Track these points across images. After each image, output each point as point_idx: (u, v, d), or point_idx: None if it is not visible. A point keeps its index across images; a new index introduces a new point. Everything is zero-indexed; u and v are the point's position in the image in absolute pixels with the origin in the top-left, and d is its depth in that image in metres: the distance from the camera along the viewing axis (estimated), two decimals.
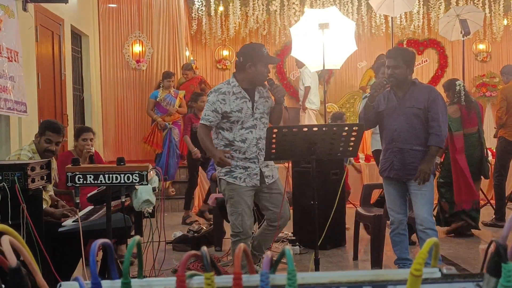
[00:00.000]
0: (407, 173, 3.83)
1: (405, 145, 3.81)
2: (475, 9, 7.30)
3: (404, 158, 3.82)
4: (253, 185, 3.70)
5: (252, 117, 3.68)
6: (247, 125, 3.67)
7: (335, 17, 6.56)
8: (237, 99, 3.69)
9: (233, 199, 3.71)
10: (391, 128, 3.86)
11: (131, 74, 9.06)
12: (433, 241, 0.67)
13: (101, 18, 8.89)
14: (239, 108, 3.67)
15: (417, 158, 3.80)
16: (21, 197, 2.90)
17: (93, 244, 0.67)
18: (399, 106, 3.85)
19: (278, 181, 3.83)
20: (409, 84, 3.88)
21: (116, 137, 9.04)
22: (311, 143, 3.14)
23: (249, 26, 9.91)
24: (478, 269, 2.93)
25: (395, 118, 3.85)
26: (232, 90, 3.72)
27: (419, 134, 3.81)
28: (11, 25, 5.05)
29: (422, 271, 0.66)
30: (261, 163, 3.68)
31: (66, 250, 3.56)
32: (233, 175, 3.70)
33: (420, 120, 3.81)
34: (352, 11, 9.57)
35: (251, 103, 3.70)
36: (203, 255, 0.66)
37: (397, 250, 4.05)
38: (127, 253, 0.69)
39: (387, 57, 3.93)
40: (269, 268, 0.67)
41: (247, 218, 3.70)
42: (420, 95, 3.83)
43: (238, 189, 3.69)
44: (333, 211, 4.13)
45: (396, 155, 3.84)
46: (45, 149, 3.92)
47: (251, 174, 3.68)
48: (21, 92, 5.15)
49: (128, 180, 2.95)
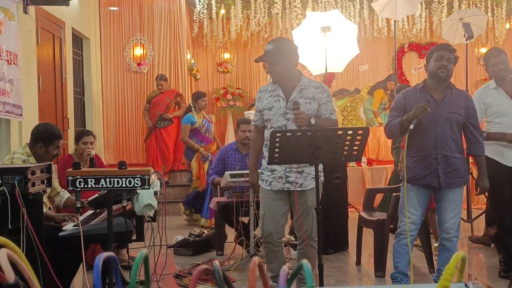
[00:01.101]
0: (449, 182, 3.62)
1: (449, 153, 3.59)
2: (479, 12, 7.27)
3: (448, 166, 3.60)
4: (279, 189, 3.56)
5: (283, 117, 3.50)
6: (276, 124, 3.50)
7: (337, 20, 6.54)
8: (270, 96, 3.56)
9: (261, 200, 3.68)
10: (431, 133, 3.59)
11: (132, 77, 9.04)
12: (461, 255, 0.63)
13: (102, 21, 8.87)
14: (270, 106, 3.54)
15: (459, 166, 3.63)
16: (21, 201, 2.86)
17: (97, 258, 0.63)
18: (439, 110, 3.59)
19: (309, 192, 3.53)
20: (446, 86, 3.66)
21: (117, 140, 9.00)
22: (315, 147, 3.09)
23: (251, 29, 9.88)
24: (488, 277, 2.86)
25: (435, 123, 3.59)
26: (269, 88, 3.61)
27: (458, 141, 3.64)
28: (11, 28, 5.02)
29: (450, 287, 0.61)
30: (288, 166, 3.51)
31: (67, 254, 3.52)
32: (262, 177, 3.64)
33: (459, 126, 3.64)
34: (354, 14, 9.54)
35: (285, 102, 3.52)
36: (215, 271, 0.61)
37: (399, 262, 3.76)
38: (134, 270, 0.64)
39: (441, 48, 3.64)
40: (285, 283, 0.63)
41: (268, 222, 3.58)
42: (459, 101, 3.63)
43: (263, 191, 3.63)
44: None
45: (440, 163, 3.59)
46: (53, 156, 3.90)
47: (276, 177, 3.56)
48: (18, 95, 5.11)
49: (130, 184, 2.91)
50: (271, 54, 3.50)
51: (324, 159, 3.22)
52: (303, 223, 3.57)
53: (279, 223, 3.62)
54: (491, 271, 4.55)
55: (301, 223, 3.58)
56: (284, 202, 3.63)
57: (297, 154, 3.17)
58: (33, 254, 2.91)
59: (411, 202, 3.69)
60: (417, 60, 10.82)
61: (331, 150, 3.15)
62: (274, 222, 3.59)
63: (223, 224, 5.31)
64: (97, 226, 3.54)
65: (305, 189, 3.54)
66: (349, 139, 3.12)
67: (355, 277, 4.55)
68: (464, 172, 3.70)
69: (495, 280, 4.26)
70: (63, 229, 3.52)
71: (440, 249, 3.77)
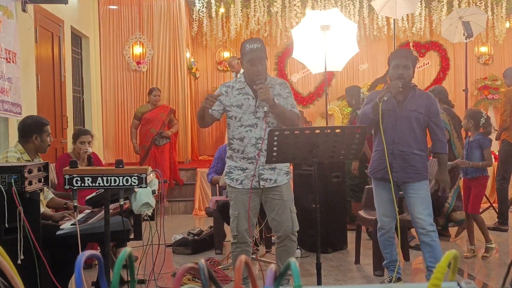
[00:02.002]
0: (406, 176, 3.81)
1: (407, 149, 3.79)
2: (478, 11, 7.24)
3: (405, 161, 3.80)
4: (253, 187, 3.55)
5: (253, 115, 3.52)
6: (246, 123, 3.51)
7: (336, 19, 6.51)
8: (239, 94, 3.56)
9: (232, 201, 3.62)
10: (391, 130, 3.80)
11: (131, 75, 9.03)
12: (453, 253, 0.62)
13: (101, 19, 8.85)
14: (239, 103, 3.54)
15: (417, 162, 3.81)
16: (18, 200, 2.85)
17: (78, 257, 0.61)
18: (399, 109, 3.81)
19: (284, 187, 3.60)
20: (409, 88, 3.86)
21: (116, 139, 9.00)
22: (313, 145, 3.08)
23: (250, 28, 9.86)
24: (486, 276, 2.86)
25: (395, 120, 3.80)
26: (236, 85, 3.60)
27: (419, 138, 3.83)
28: (10, 26, 5.00)
29: (441, 286, 0.60)
30: (261, 164, 3.50)
31: (64, 253, 3.51)
32: (231, 176, 3.60)
33: (420, 124, 3.82)
34: (354, 13, 9.53)
35: (254, 100, 3.53)
36: (200, 269, 0.60)
37: (387, 253, 4.03)
38: (116, 267, 0.63)
39: (397, 56, 3.86)
40: (272, 282, 0.62)
41: (242, 222, 3.55)
42: (420, 100, 3.83)
43: (235, 191, 3.59)
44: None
45: (395, 158, 3.79)
46: (48, 144, 3.91)
47: (248, 175, 3.53)
48: (17, 93, 5.10)
49: (127, 182, 2.89)
50: (261, 52, 3.51)
51: (322, 157, 3.21)
52: (281, 219, 3.57)
53: (252, 222, 3.63)
54: (488, 267, 4.54)
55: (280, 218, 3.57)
56: (257, 201, 3.62)
57: (295, 152, 3.16)
58: (30, 253, 2.90)
59: (380, 196, 3.93)
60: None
61: (329, 148, 3.15)
62: (247, 221, 3.57)
63: (222, 223, 5.30)
64: (94, 225, 3.53)
65: (279, 184, 3.57)
66: (347, 138, 3.12)
67: (354, 276, 4.54)
68: (422, 168, 3.84)
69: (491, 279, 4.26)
70: (61, 228, 3.51)
71: (421, 245, 3.90)
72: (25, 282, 1.94)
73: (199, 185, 7.86)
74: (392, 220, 3.92)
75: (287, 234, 3.59)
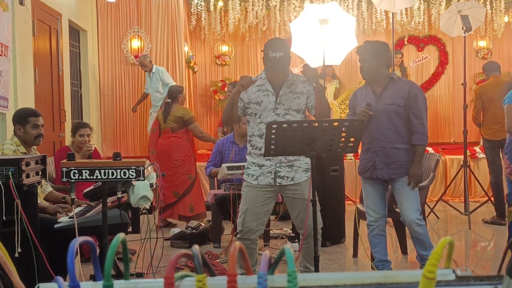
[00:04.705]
0: (391, 172, 3.76)
1: (388, 144, 3.72)
2: (477, 5, 7.22)
3: (387, 157, 3.73)
4: (267, 184, 3.52)
5: (273, 112, 3.48)
6: (266, 119, 3.45)
7: (335, 13, 6.50)
8: (259, 90, 3.52)
9: (243, 196, 3.60)
10: (372, 127, 3.74)
11: (129, 69, 9.01)
12: (448, 240, 0.61)
13: (99, 13, 8.82)
14: (259, 100, 3.51)
15: (401, 156, 3.73)
16: (15, 192, 2.84)
17: (71, 243, 0.61)
18: (377, 103, 3.74)
19: (304, 185, 3.52)
20: (386, 79, 3.78)
21: (115, 132, 8.98)
22: (311, 139, 3.08)
23: (249, 22, 9.83)
24: (484, 269, 2.87)
25: (375, 116, 3.73)
26: (257, 81, 3.54)
27: (401, 132, 3.74)
28: (4, 19, 4.98)
29: (436, 273, 0.60)
30: (278, 161, 3.49)
31: (62, 246, 3.51)
32: (247, 172, 3.58)
33: (400, 117, 3.73)
34: (352, 6, 9.50)
35: (275, 97, 3.50)
36: (194, 255, 0.60)
37: (376, 252, 3.95)
38: (110, 252, 0.63)
39: (358, 51, 3.88)
40: (267, 268, 0.61)
41: (249, 219, 3.51)
42: (399, 91, 3.73)
43: (248, 187, 3.56)
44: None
45: (378, 155, 3.75)
46: (36, 136, 3.88)
47: (264, 172, 3.51)
48: (5, 87, 5.08)
49: (125, 175, 2.89)
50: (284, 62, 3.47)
51: (320, 150, 3.21)
52: (304, 217, 3.49)
53: (260, 221, 3.58)
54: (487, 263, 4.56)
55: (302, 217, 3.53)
56: (270, 199, 3.58)
57: (293, 145, 3.15)
58: (28, 245, 2.90)
59: (369, 194, 3.88)
60: (416, 53, 10.79)
61: (327, 141, 3.14)
62: (256, 219, 3.54)
63: (220, 216, 5.30)
64: (92, 218, 3.53)
65: (297, 182, 3.53)
66: (345, 131, 3.11)
67: (351, 269, 4.55)
68: (406, 162, 3.75)
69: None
70: (59, 221, 3.51)
71: (412, 239, 3.90)
72: (22, 275, 1.94)
73: (197, 179, 7.84)
74: (381, 217, 3.88)
75: (309, 232, 3.51)
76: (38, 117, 3.94)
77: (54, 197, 4.12)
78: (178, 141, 6.05)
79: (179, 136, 6.08)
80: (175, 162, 5.98)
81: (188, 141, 6.16)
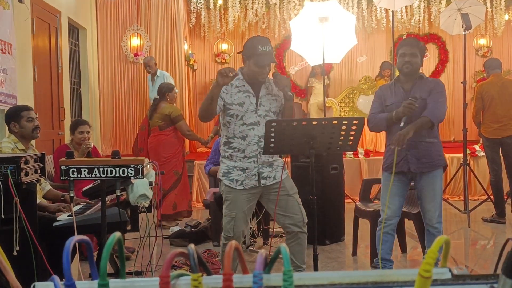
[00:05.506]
0: (421, 166, 3.74)
1: (419, 138, 3.70)
2: (477, 3, 7.20)
3: (419, 151, 3.73)
4: (252, 187, 3.48)
5: (255, 113, 3.44)
6: (249, 121, 3.42)
7: (335, 11, 6.49)
8: (239, 92, 3.47)
9: (228, 201, 3.52)
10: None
11: (129, 67, 9.00)
12: (444, 238, 0.61)
13: (99, 11, 8.82)
14: (241, 101, 3.45)
15: (431, 150, 3.74)
16: (14, 191, 2.84)
17: (67, 242, 0.61)
18: (407, 99, 3.71)
19: (286, 182, 3.54)
20: (417, 77, 3.80)
21: (114, 130, 8.98)
22: (310, 137, 3.08)
23: (248, 20, 9.83)
24: (484, 267, 2.86)
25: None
26: (235, 82, 3.47)
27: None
28: (6, 17, 4.98)
29: (431, 272, 0.60)
30: (261, 163, 3.46)
31: (61, 245, 3.49)
32: (230, 177, 3.49)
33: None
34: (352, 4, 9.50)
35: (255, 98, 3.46)
36: (189, 254, 0.59)
37: (382, 250, 3.91)
38: (105, 251, 0.63)
39: (404, 44, 3.81)
40: (263, 267, 0.61)
41: (240, 224, 3.48)
42: (426, 87, 3.75)
43: (234, 192, 3.48)
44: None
45: (409, 149, 3.71)
46: (33, 128, 3.88)
47: (249, 175, 3.46)
48: (12, 85, 5.09)
49: (123, 174, 2.89)
50: (272, 55, 3.47)
51: (319, 149, 3.21)
52: (291, 213, 3.52)
53: (247, 223, 3.61)
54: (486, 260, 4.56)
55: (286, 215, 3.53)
56: (254, 200, 3.57)
57: (292, 144, 3.15)
58: (26, 244, 2.89)
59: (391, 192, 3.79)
60: None
61: (326, 140, 3.14)
62: (245, 221, 3.53)
63: (219, 214, 5.29)
64: (91, 216, 3.53)
65: (279, 180, 3.51)
66: (344, 129, 3.11)
67: (351, 267, 4.55)
68: (436, 156, 3.76)
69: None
70: (58, 219, 3.51)
71: (426, 234, 3.89)
72: (21, 274, 1.94)
73: (197, 177, 7.85)
74: (396, 216, 3.85)
75: (300, 227, 3.53)
76: (30, 110, 3.96)
77: (53, 195, 4.12)
78: (166, 139, 6.09)
79: (167, 133, 6.11)
80: (163, 160, 5.99)
81: (176, 138, 6.19)
